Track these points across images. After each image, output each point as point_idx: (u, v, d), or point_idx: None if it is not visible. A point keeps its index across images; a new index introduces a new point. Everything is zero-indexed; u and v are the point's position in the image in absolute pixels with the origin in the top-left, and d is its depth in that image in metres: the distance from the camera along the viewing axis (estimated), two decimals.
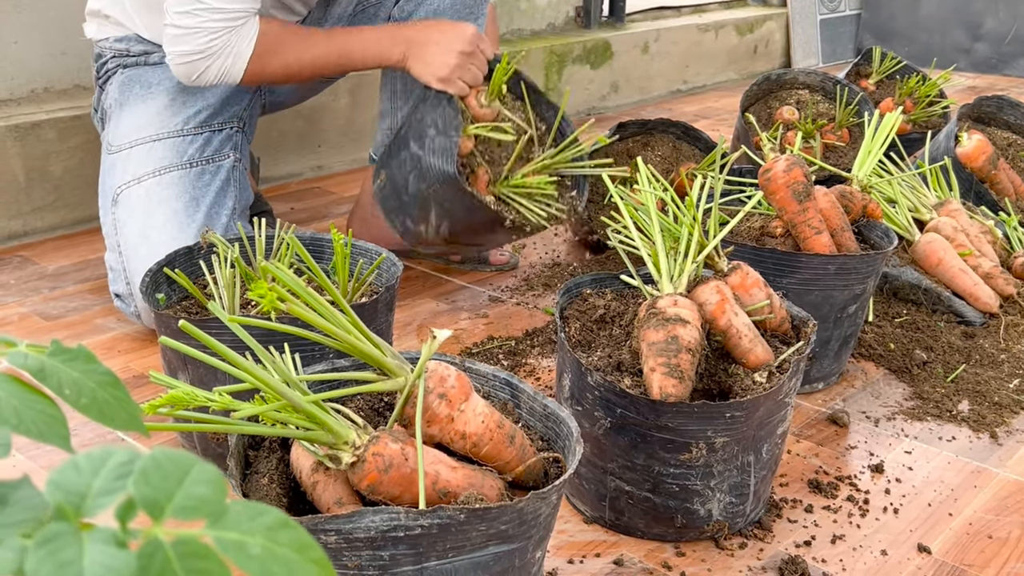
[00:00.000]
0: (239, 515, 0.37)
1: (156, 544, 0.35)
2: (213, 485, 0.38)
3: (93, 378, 0.45)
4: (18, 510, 0.37)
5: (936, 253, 1.72)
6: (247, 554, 0.35)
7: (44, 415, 0.42)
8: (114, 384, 0.46)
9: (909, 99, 2.63)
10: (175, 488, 0.37)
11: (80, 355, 0.46)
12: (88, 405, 0.44)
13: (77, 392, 0.44)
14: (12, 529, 0.36)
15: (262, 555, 0.36)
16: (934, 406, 1.45)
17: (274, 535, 0.37)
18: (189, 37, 1.51)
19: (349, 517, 0.76)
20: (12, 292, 1.79)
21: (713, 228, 1.19)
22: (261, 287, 0.80)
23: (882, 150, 1.62)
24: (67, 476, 0.38)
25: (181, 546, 0.35)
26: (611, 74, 3.45)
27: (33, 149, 2.02)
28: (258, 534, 0.36)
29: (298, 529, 0.37)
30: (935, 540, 1.15)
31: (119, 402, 0.45)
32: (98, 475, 0.38)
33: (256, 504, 0.38)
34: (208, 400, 0.80)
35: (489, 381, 1.01)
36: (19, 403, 0.42)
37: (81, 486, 0.37)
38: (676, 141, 2.02)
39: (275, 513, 0.37)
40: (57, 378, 0.44)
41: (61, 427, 0.43)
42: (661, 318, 1.07)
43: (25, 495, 0.38)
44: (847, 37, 4.55)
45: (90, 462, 0.38)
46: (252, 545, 0.36)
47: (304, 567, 0.36)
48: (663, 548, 1.11)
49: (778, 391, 1.06)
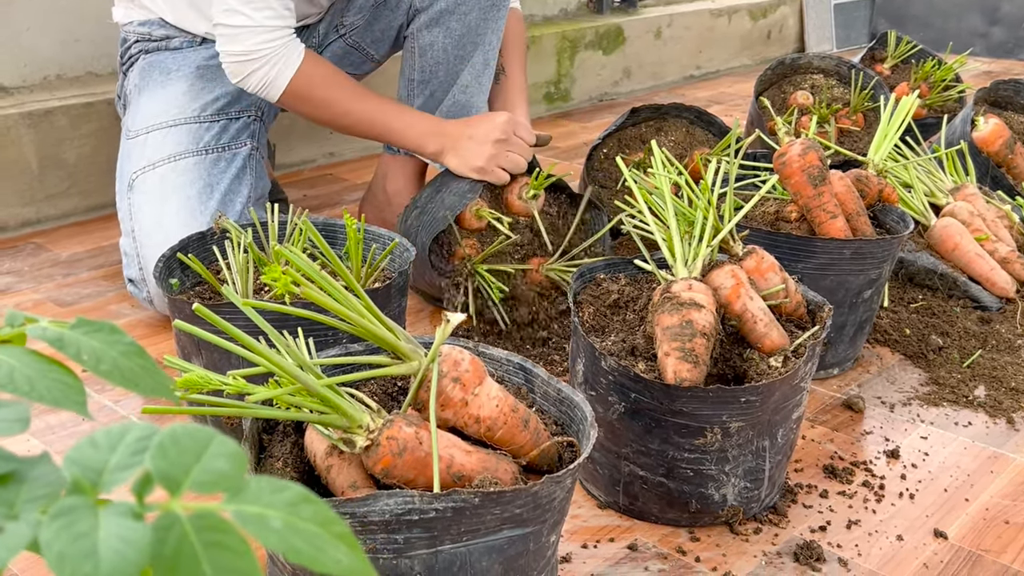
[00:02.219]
0: (259, 490, 0.36)
1: (173, 518, 0.34)
2: (232, 459, 0.37)
3: (116, 348, 0.45)
4: (36, 486, 0.37)
5: (952, 238, 1.70)
6: (268, 528, 0.35)
7: (59, 382, 0.42)
8: (139, 354, 0.45)
9: (924, 84, 2.61)
10: (193, 462, 0.37)
11: (104, 327, 0.46)
12: (110, 371, 0.44)
13: (96, 359, 0.44)
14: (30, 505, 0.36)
15: (283, 529, 0.35)
16: (950, 391, 1.44)
17: (296, 509, 0.36)
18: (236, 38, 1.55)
19: (364, 500, 0.76)
20: (26, 279, 1.80)
21: (728, 212, 1.18)
22: (275, 271, 0.80)
23: (898, 134, 1.61)
24: (84, 452, 0.37)
25: (199, 520, 0.34)
26: (624, 60, 3.43)
27: (46, 136, 2.02)
28: (279, 508, 0.36)
29: (320, 504, 0.36)
30: (951, 525, 1.14)
31: (145, 370, 0.45)
32: (115, 450, 0.38)
33: (276, 479, 0.37)
34: (222, 384, 0.80)
35: (503, 365, 1.01)
36: (32, 372, 0.42)
37: (98, 461, 0.37)
38: (690, 126, 2.01)
39: (296, 488, 0.37)
40: (76, 347, 0.44)
41: (77, 393, 0.42)
42: (675, 302, 1.06)
43: (43, 472, 0.38)
44: (861, 22, 4.52)
45: (108, 438, 0.38)
46: (273, 518, 0.35)
47: (328, 541, 0.36)
48: (677, 533, 1.11)
49: (793, 376, 1.06)
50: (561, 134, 2.90)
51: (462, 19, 1.76)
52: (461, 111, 1.82)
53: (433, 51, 1.79)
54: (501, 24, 1.81)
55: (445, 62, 1.80)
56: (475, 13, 1.76)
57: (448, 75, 1.81)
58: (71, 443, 1.24)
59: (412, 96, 1.82)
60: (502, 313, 1.57)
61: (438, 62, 1.79)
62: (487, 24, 1.79)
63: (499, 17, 1.80)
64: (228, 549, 0.34)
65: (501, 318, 1.57)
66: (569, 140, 2.83)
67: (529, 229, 1.66)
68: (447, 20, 1.77)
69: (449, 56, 1.79)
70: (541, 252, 1.66)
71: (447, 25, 1.77)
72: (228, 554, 0.34)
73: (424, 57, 1.79)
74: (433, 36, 1.78)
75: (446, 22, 1.77)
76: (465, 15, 1.76)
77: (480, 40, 1.79)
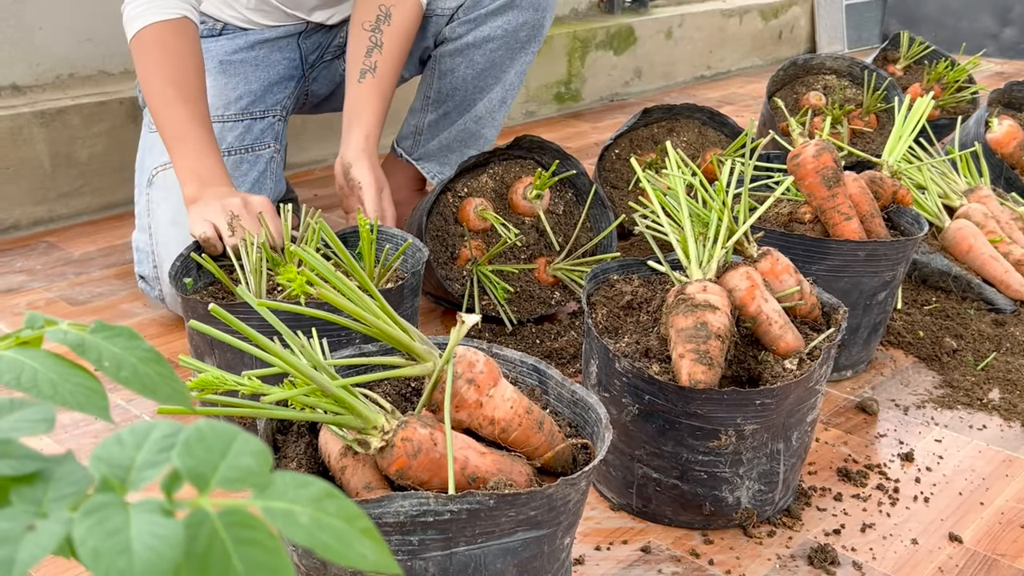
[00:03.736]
0: (285, 485, 0.37)
1: (203, 514, 0.34)
2: (258, 456, 0.38)
3: (135, 354, 0.45)
4: (63, 485, 0.37)
5: (966, 240, 1.69)
6: (296, 523, 0.35)
7: (82, 387, 0.42)
8: (157, 360, 0.45)
9: (937, 85, 2.60)
10: (219, 459, 0.37)
11: (123, 332, 0.46)
12: (129, 378, 0.44)
13: (117, 365, 0.44)
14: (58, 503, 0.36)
15: (310, 524, 0.35)
16: (964, 394, 1.43)
17: (321, 505, 0.36)
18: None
19: (379, 502, 0.76)
20: (39, 277, 1.80)
21: (743, 213, 1.17)
22: (290, 271, 0.79)
23: (912, 136, 1.60)
24: (110, 450, 0.38)
25: (228, 516, 0.35)
26: (634, 60, 3.43)
27: (59, 135, 2.03)
28: (306, 504, 0.36)
29: (344, 499, 0.37)
30: (966, 529, 1.14)
31: (162, 377, 0.45)
32: (141, 448, 0.38)
33: (301, 475, 0.37)
34: (237, 384, 0.80)
35: (517, 367, 1.00)
36: (56, 376, 0.42)
37: (125, 459, 0.37)
38: (702, 127, 2.00)
39: (321, 483, 0.37)
40: (97, 352, 0.44)
41: (99, 398, 0.43)
42: (690, 304, 1.06)
43: (69, 470, 0.38)
44: (873, 22, 4.50)
45: (133, 436, 0.38)
46: (300, 514, 0.35)
47: (354, 536, 0.36)
48: (691, 535, 1.11)
49: (809, 378, 1.05)
50: (571, 134, 2.89)
51: (487, 55, 1.78)
52: (469, 138, 1.84)
53: (452, 77, 1.80)
54: (526, 66, 1.83)
55: (463, 90, 1.81)
56: (501, 52, 1.78)
57: (463, 103, 1.82)
58: (84, 442, 1.24)
59: (425, 110, 1.83)
60: (508, 313, 1.57)
61: (455, 88, 1.81)
62: (511, 64, 1.81)
63: (525, 61, 1.81)
64: (258, 545, 0.34)
65: (507, 318, 1.57)
66: (580, 140, 2.83)
67: (535, 229, 1.66)
68: (472, 52, 1.78)
69: (468, 86, 1.81)
70: (547, 251, 1.66)
71: (471, 57, 1.78)
72: (258, 550, 0.34)
73: (443, 80, 1.80)
74: (455, 64, 1.79)
75: (471, 54, 1.78)
76: (491, 51, 1.78)
77: (501, 77, 1.81)
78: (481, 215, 1.60)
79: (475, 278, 1.59)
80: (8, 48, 2.02)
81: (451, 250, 1.61)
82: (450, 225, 1.63)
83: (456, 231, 1.62)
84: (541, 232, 1.66)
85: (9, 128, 1.96)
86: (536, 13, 1.77)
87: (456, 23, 1.77)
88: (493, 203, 1.64)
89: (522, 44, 1.79)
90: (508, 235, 1.56)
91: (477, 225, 1.61)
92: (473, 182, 1.65)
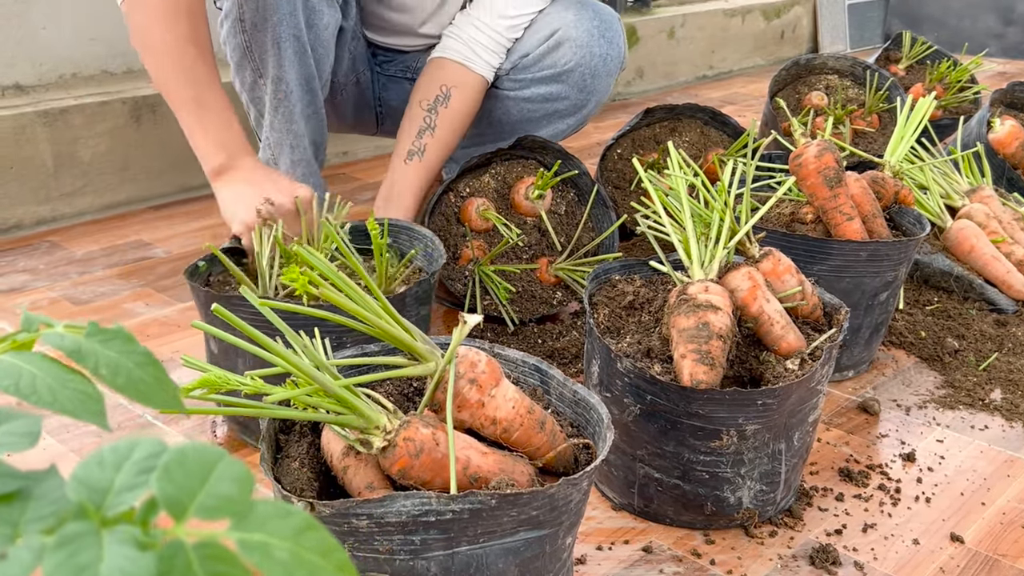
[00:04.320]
0: (265, 515, 0.36)
1: (178, 546, 0.34)
2: (239, 483, 0.37)
3: (131, 358, 0.45)
4: (41, 505, 0.35)
5: (968, 240, 1.69)
6: (272, 558, 0.34)
7: (79, 393, 0.42)
8: (152, 364, 0.45)
9: (939, 85, 2.60)
10: (199, 486, 0.36)
11: (118, 336, 0.46)
12: (125, 385, 0.44)
13: (114, 372, 0.44)
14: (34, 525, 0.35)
15: (289, 560, 0.34)
16: (966, 395, 1.44)
17: (300, 538, 0.35)
18: None
19: (381, 501, 0.76)
20: (42, 277, 1.81)
21: (744, 214, 1.18)
22: (293, 271, 0.80)
23: (915, 136, 1.60)
24: (90, 471, 0.37)
25: (203, 549, 0.34)
26: (636, 59, 3.43)
27: (62, 135, 2.03)
28: (284, 536, 0.35)
29: (323, 531, 0.36)
30: (968, 530, 1.14)
31: (157, 382, 0.45)
32: (121, 470, 0.37)
33: (281, 504, 0.36)
34: (240, 384, 0.80)
35: (518, 367, 1.00)
36: (54, 382, 0.42)
37: (104, 482, 0.36)
38: (704, 127, 2.00)
39: (301, 515, 0.36)
40: (95, 358, 0.44)
41: (96, 404, 0.42)
42: (692, 304, 1.06)
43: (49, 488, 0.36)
44: (875, 22, 4.50)
45: (114, 455, 0.37)
46: (278, 549, 0.35)
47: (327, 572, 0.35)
48: (692, 536, 1.11)
49: (810, 379, 1.05)
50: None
51: (524, 113, 1.83)
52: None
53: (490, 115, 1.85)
54: (561, 133, 1.84)
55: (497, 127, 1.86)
56: (538, 115, 1.82)
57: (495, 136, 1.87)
58: (87, 442, 1.25)
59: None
60: (510, 313, 1.57)
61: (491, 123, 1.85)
62: (547, 126, 1.83)
63: (560, 128, 1.84)
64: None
65: (509, 318, 1.57)
66: (582, 140, 2.83)
67: (537, 229, 1.66)
68: (509, 104, 1.83)
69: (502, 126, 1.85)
70: (549, 251, 1.66)
71: (507, 107, 1.84)
72: None
73: (482, 112, 1.82)
74: (493, 105, 1.84)
75: (508, 106, 1.83)
76: (528, 111, 1.82)
77: (534, 130, 1.83)
78: (483, 215, 1.61)
79: (477, 278, 1.59)
80: (11, 47, 2.03)
81: (453, 250, 1.61)
82: (452, 225, 1.63)
83: (458, 231, 1.62)
84: (543, 232, 1.66)
85: (12, 127, 1.96)
86: (580, 94, 1.79)
87: (505, 78, 1.80)
88: (495, 203, 1.65)
89: (560, 116, 1.82)
90: (510, 235, 1.56)
91: (479, 225, 1.62)
92: (475, 182, 1.66)
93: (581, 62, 1.75)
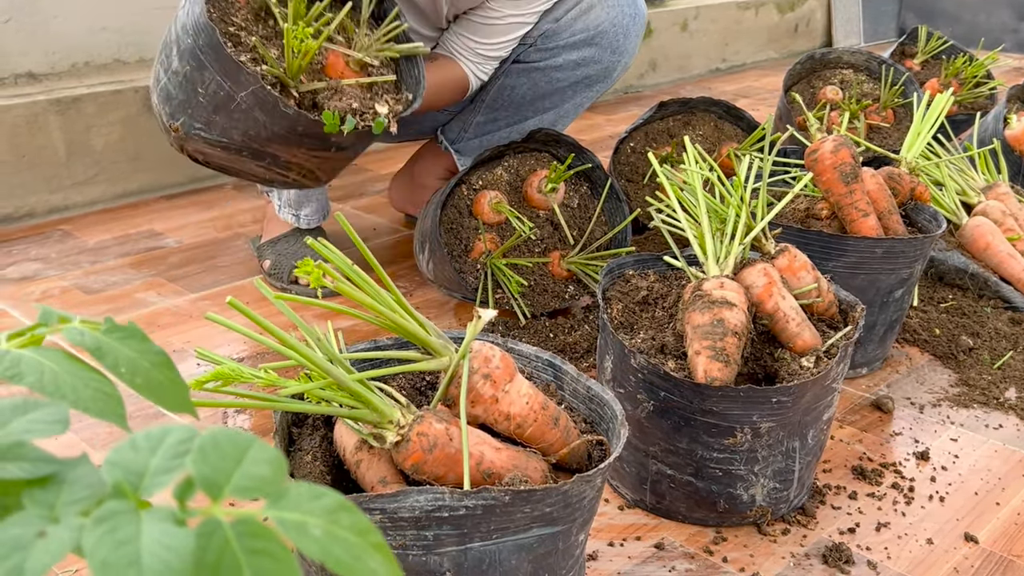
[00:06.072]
0: (299, 496, 0.36)
1: (215, 524, 0.34)
2: (272, 465, 0.37)
3: (147, 358, 0.45)
4: (76, 488, 0.36)
5: (984, 237, 1.68)
6: (309, 536, 0.35)
7: (101, 393, 0.42)
8: (167, 365, 0.45)
9: (955, 80, 2.58)
10: (233, 467, 0.37)
11: (134, 333, 0.45)
12: (142, 385, 0.44)
13: (132, 372, 0.44)
14: (70, 507, 0.35)
15: (324, 537, 0.35)
16: (980, 393, 1.43)
17: (335, 517, 0.36)
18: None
19: (394, 496, 0.76)
20: (54, 266, 1.81)
21: (761, 209, 1.17)
22: (307, 265, 0.79)
23: (932, 132, 1.59)
24: (125, 455, 0.37)
25: (241, 526, 0.34)
26: (649, 52, 3.41)
27: (74, 123, 2.03)
28: (319, 515, 0.36)
29: (357, 512, 0.36)
30: (982, 530, 1.13)
31: (171, 383, 0.45)
32: (156, 453, 0.37)
33: (314, 486, 0.37)
34: (254, 377, 0.79)
35: (532, 362, 1.00)
36: (76, 380, 0.42)
37: (139, 464, 0.37)
38: (718, 120, 1.99)
39: (334, 495, 0.37)
40: (114, 357, 0.44)
41: (117, 405, 0.42)
42: (707, 300, 1.05)
43: (82, 473, 0.37)
44: (889, 16, 4.47)
45: (148, 440, 0.38)
46: (314, 526, 0.35)
47: (365, 550, 0.36)
48: (704, 533, 1.10)
49: (826, 376, 1.04)
50: (585, 126, 2.88)
51: (552, 83, 1.80)
52: None
53: (512, 92, 1.82)
54: (587, 102, 1.84)
55: (519, 104, 1.83)
56: (567, 83, 1.80)
57: (516, 115, 1.84)
58: (99, 431, 1.24)
59: (476, 110, 1.84)
60: (522, 306, 1.57)
61: (512, 101, 1.83)
62: (572, 96, 1.82)
63: (587, 96, 1.83)
64: (270, 556, 0.34)
65: (521, 312, 1.56)
66: (594, 132, 2.82)
67: (550, 222, 1.65)
68: (537, 76, 1.79)
69: (525, 102, 1.82)
70: (562, 245, 1.65)
71: (535, 80, 1.80)
72: (270, 561, 0.34)
73: (502, 91, 1.81)
74: (518, 81, 1.80)
75: (536, 77, 1.79)
76: (557, 80, 1.79)
77: (560, 103, 1.83)
78: (496, 208, 1.60)
79: (489, 271, 1.59)
80: (24, 36, 2.02)
81: (465, 243, 1.61)
82: (464, 218, 1.62)
83: (470, 224, 1.62)
84: (555, 225, 1.65)
85: (25, 116, 1.96)
86: (613, 56, 1.79)
87: (532, 48, 1.78)
88: (508, 196, 1.64)
89: (590, 82, 1.81)
90: (522, 228, 1.56)
91: (491, 218, 1.61)
92: (488, 175, 1.65)
93: (615, 22, 1.75)
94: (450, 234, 1.61)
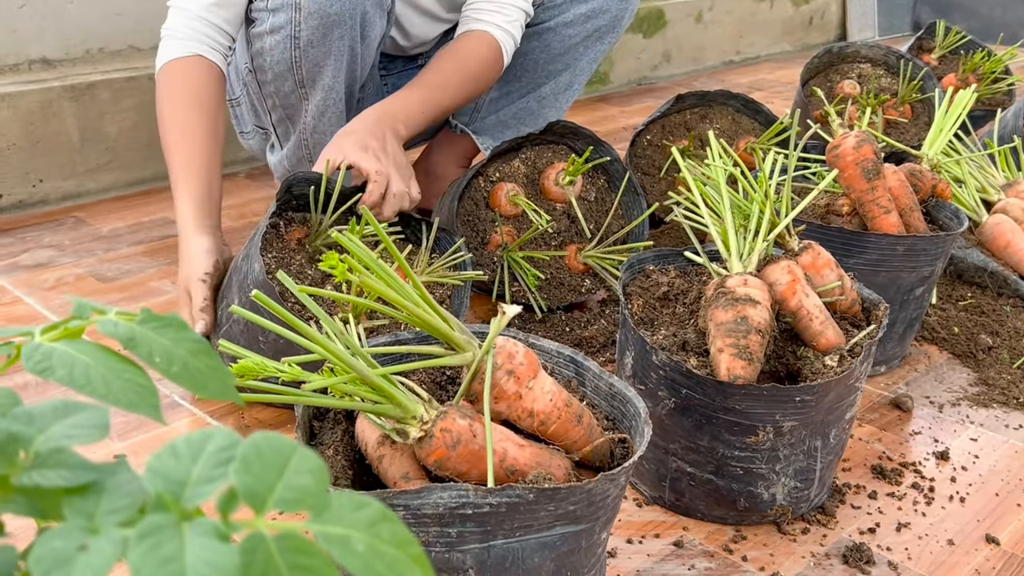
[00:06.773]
0: (342, 508, 0.36)
1: (259, 539, 0.33)
2: (315, 475, 0.37)
3: (184, 346, 0.44)
4: (116, 497, 0.35)
5: (1004, 235, 1.67)
6: (351, 551, 0.34)
7: (133, 384, 0.41)
8: (206, 352, 0.44)
9: (973, 75, 2.56)
10: (276, 478, 0.36)
11: (172, 323, 0.45)
12: (179, 373, 0.43)
13: (168, 360, 0.43)
14: (110, 517, 0.34)
15: (366, 552, 0.34)
16: (1000, 392, 1.41)
17: (376, 529, 0.35)
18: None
19: (418, 493, 0.75)
20: (68, 253, 1.80)
21: (785, 206, 1.16)
22: (332, 258, 0.78)
23: (954, 129, 1.57)
24: (166, 462, 0.36)
25: (284, 541, 0.34)
26: (664, 43, 3.39)
27: (88, 110, 2.02)
28: (361, 529, 0.35)
29: (397, 523, 0.36)
30: (1003, 531, 1.12)
31: (212, 371, 0.44)
32: (197, 462, 0.37)
33: (355, 495, 0.36)
34: (277, 371, 0.79)
35: (553, 358, 0.99)
36: (108, 372, 0.41)
37: (181, 473, 0.36)
38: (736, 114, 1.98)
39: (375, 506, 0.36)
40: (148, 346, 0.43)
41: (151, 396, 0.42)
42: (730, 297, 1.04)
43: (122, 480, 0.36)
44: (905, 9, 4.44)
45: (189, 447, 0.37)
46: (356, 541, 0.34)
47: (405, 564, 0.35)
48: (724, 531, 1.10)
49: (849, 376, 1.03)
50: (599, 118, 2.87)
51: (564, 40, 1.79)
52: (528, 116, 1.85)
53: (524, 59, 1.80)
54: (600, 55, 1.83)
55: (532, 72, 1.82)
56: (579, 39, 1.79)
57: (531, 83, 1.83)
58: (123, 419, 1.24)
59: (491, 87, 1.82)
60: (538, 300, 1.56)
61: (526, 70, 1.81)
62: (586, 51, 1.81)
63: (600, 50, 1.82)
64: (315, 573, 0.33)
65: (537, 305, 1.56)
66: (608, 124, 2.80)
67: (566, 215, 1.64)
68: (549, 37, 1.78)
69: (538, 67, 1.81)
70: (579, 238, 1.64)
71: (547, 41, 1.79)
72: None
73: (514, 61, 1.80)
74: (530, 47, 1.79)
75: (547, 38, 1.78)
76: (569, 37, 1.78)
77: (573, 63, 1.81)
78: (512, 200, 1.59)
79: (505, 264, 1.58)
80: (38, 22, 2.01)
81: (482, 235, 1.60)
82: (481, 210, 1.61)
83: (487, 216, 1.61)
84: (572, 219, 1.64)
85: (39, 102, 1.95)
86: (620, 4, 1.78)
87: (541, 8, 1.77)
88: (525, 189, 1.63)
89: (601, 34, 1.80)
90: (539, 221, 1.55)
91: (508, 210, 1.60)
92: (505, 167, 1.64)
93: None
94: (467, 226, 1.60)
